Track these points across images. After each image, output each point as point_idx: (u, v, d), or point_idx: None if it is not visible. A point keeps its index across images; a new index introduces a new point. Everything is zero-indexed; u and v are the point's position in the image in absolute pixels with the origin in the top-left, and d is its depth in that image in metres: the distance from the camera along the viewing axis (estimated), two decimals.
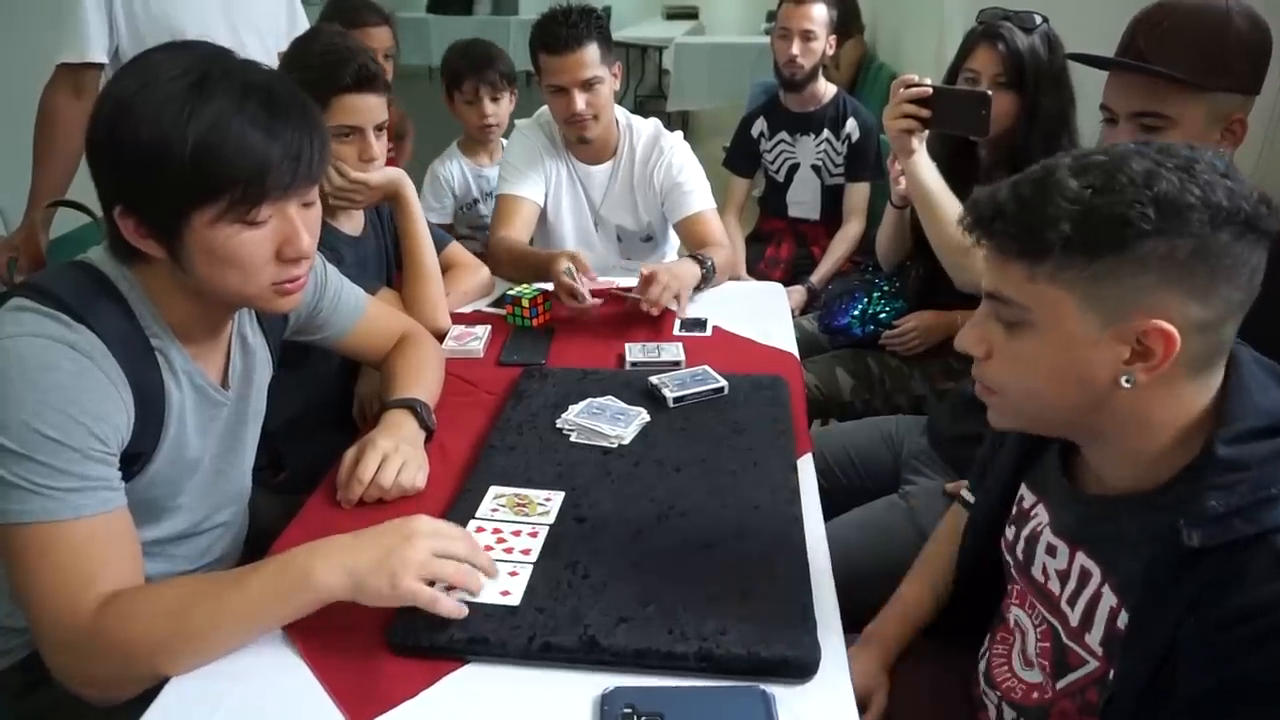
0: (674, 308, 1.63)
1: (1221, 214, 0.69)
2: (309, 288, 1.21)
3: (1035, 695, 0.92)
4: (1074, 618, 0.85)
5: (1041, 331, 0.76)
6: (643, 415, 1.30)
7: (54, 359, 0.87)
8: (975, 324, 0.82)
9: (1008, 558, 0.98)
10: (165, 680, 0.86)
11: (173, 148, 0.85)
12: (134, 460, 0.96)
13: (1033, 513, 0.94)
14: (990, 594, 1.03)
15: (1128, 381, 0.73)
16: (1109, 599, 0.81)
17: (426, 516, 0.93)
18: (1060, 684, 0.88)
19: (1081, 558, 0.85)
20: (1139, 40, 1.16)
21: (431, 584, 0.88)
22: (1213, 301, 0.71)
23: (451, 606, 0.88)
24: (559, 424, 1.29)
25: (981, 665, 1.02)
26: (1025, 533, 0.94)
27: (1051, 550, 0.89)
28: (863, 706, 1.02)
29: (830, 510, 1.21)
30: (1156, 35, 1.15)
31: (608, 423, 1.27)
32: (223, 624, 0.87)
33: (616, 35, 2.06)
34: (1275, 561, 0.68)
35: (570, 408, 1.31)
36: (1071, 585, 0.86)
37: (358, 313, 1.33)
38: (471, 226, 2.45)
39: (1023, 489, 0.97)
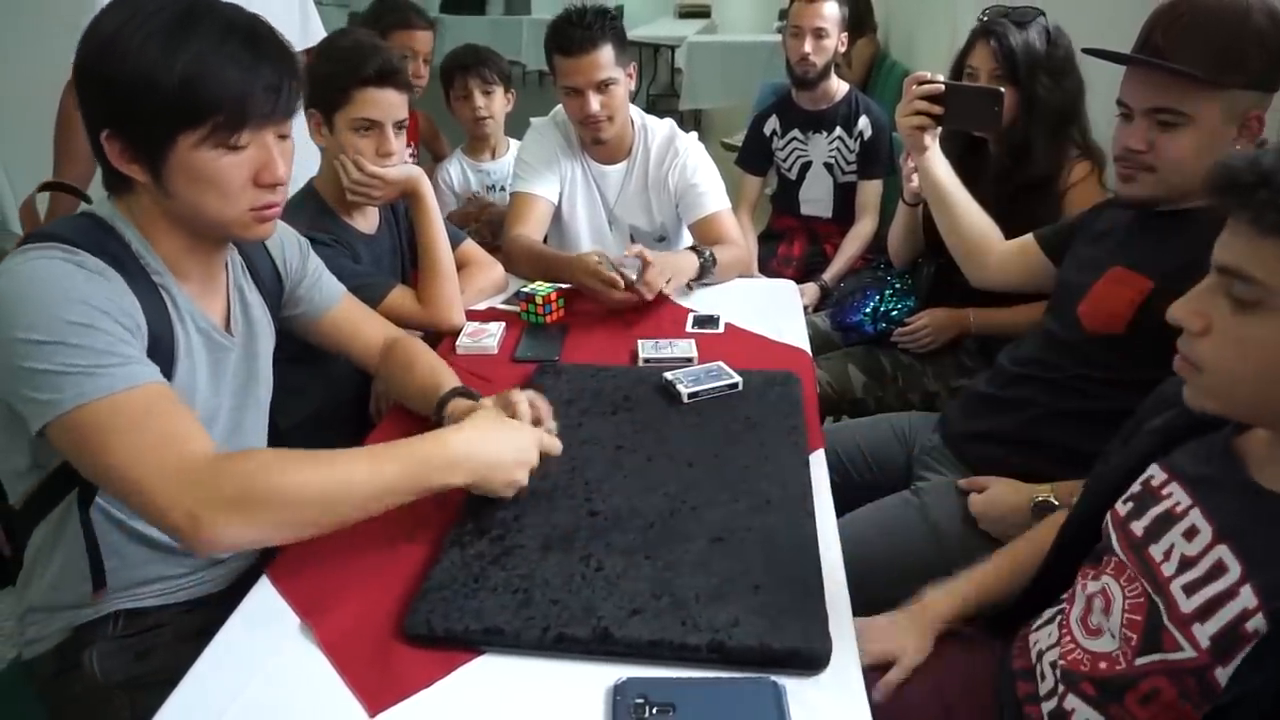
0: (666, 290, 1.67)
1: None
2: (295, 249, 1.27)
3: (1104, 665, 0.89)
4: (1186, 605, 0.81)
5: None
6: None
7: (67, 271, 0.92)
8: (1195, 297, 0.76)
9: (1113, 531, 0.94)
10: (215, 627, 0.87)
11: (160, 78, 0.91)
12: None
13: (1165, 492, 0.90)
14: (1071, 566, 1.01)
15: None
16: (1246, 600, 0.76)
17: (529, 431, 1.07)
18: (1141, 661, 0.85)
19: (1223, 550, 0.80)
20: (1157, 35, 1.15)
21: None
22: None
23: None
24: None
25: (1038, 636, 1.00)
26: (1156, 511, 0.89)
27: (1191, 534, 0.84)
28: (889, 664, 1.04)
29: (842, 506, 1.21)
30: (1175, 31, 1.14)
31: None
32: (378, 487, 0.94)
33: (629, 34, 2.06)
34: None
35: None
36: (1194, 574, 0.82)
37: (334, 298, 1.35)
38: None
39: (1153, 468, 0.93)
